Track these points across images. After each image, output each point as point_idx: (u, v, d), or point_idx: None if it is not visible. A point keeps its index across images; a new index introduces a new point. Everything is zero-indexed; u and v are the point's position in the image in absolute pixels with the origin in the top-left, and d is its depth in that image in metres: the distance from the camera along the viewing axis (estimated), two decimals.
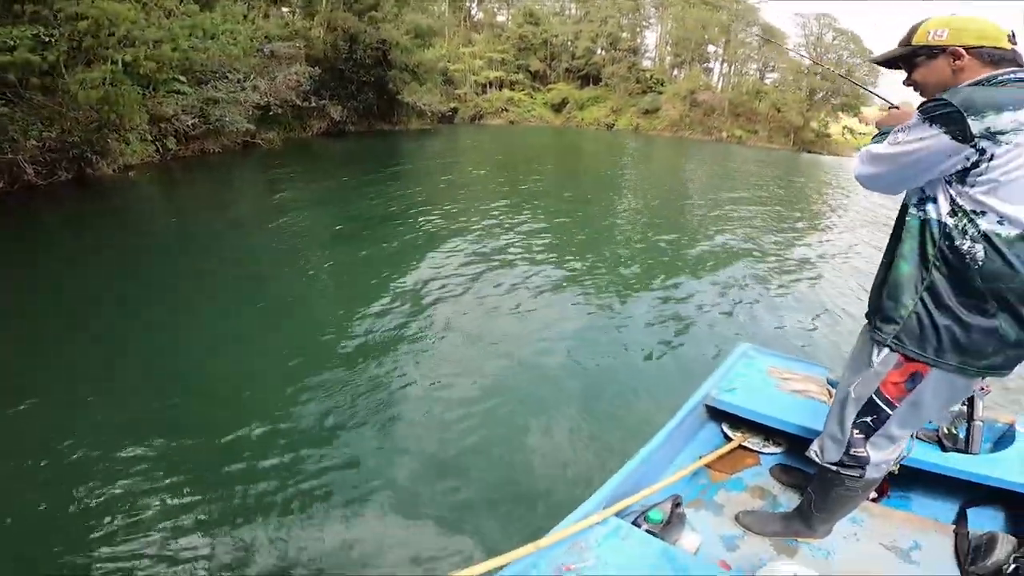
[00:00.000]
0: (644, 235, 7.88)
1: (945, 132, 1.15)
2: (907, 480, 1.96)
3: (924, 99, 1.34)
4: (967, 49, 1.24)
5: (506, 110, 36.06)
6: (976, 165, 1.15)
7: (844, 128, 35.61)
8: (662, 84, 38.09)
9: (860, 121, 34.53)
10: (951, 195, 1.23)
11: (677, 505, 1.82)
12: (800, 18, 39.71)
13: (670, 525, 1.74)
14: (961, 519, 1.91)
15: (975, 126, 1.12)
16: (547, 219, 8.15)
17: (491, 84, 37.01)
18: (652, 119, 36.43)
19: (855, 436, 1.49)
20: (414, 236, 6.76)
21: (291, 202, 8.45)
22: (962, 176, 1.19)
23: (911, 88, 1.44)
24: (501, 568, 1.39)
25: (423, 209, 8.22)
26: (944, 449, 1.91)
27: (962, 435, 1.92)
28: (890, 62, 1.41)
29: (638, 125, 36.38)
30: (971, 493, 1.96)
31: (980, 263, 1.19)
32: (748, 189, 13.96)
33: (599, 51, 40.20)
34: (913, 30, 1.35)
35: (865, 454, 1.51)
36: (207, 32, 11.17)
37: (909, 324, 1.30)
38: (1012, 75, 1.21)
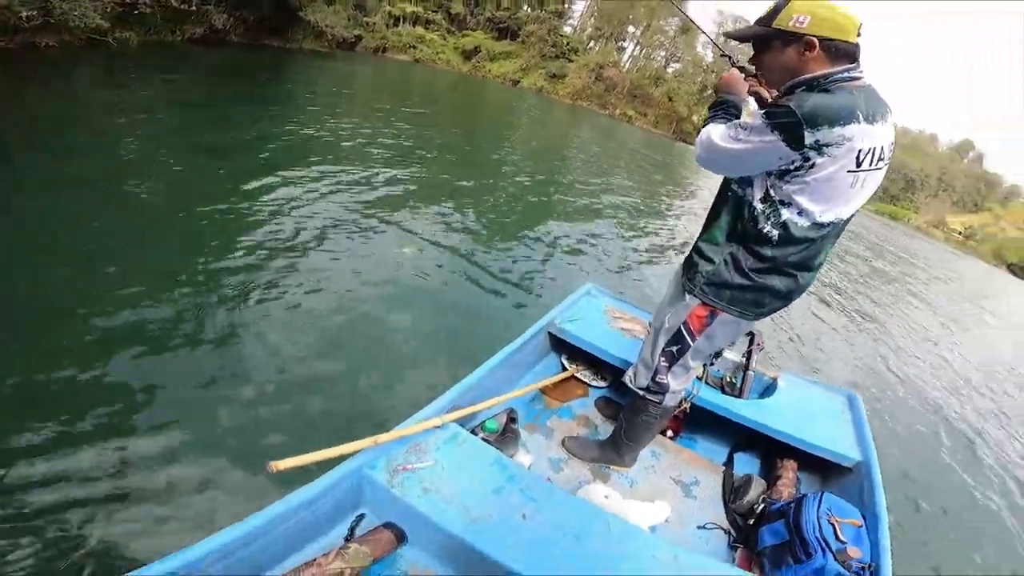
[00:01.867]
0: (519, 183, 8.36)
1: (783, 140, 1.26)
2: (695, 424, 2.33)
3: (763, 80, 1.50)
4: (820, 40, 1.28)
5: (414, 47, 34.31)
6: (798, 168, 1.30)
7: None
8: (576, 52, 38.95)
9: None
10: (767, 185, 1.38)
11: (512, 420, 1.97)
12: (720, 16, 42.41)
13: (504, 437, 1.89)
14: (729, 461, 2.26)
15: (808, 138, 1.23)
16: (429, 158, 8.20)
17: (405, 18, 34.79)
18: (556, 84, 37.41)
19: (661, 364, 1.73)
20: (277, 158, 6.16)
21: (141, 119, 7.03)
22: (781, 174, 1.33)
23: (752, 66, 1.48)
24: (339, 459, 1.41)
25: (296, 135, 7.64)
26: (724, 393, 2.29)
27: (739, 384, 2.35)
28: (745, 39, 1.42)
29: (542, 88, 37.08)
30: (739, 440, 2.33)
31: (773, 242, 1.41)
32: (624, 161, 15.35)
33: (525, 7, 39.74)
34: (776, 10, 1.34)
35: (666, 381, 1.76)
36: None
37: (712, 279, 1.52)
38: (844, 74, 1.29)
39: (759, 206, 1.40)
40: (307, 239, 4.24)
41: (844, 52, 1.30)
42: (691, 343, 1.64)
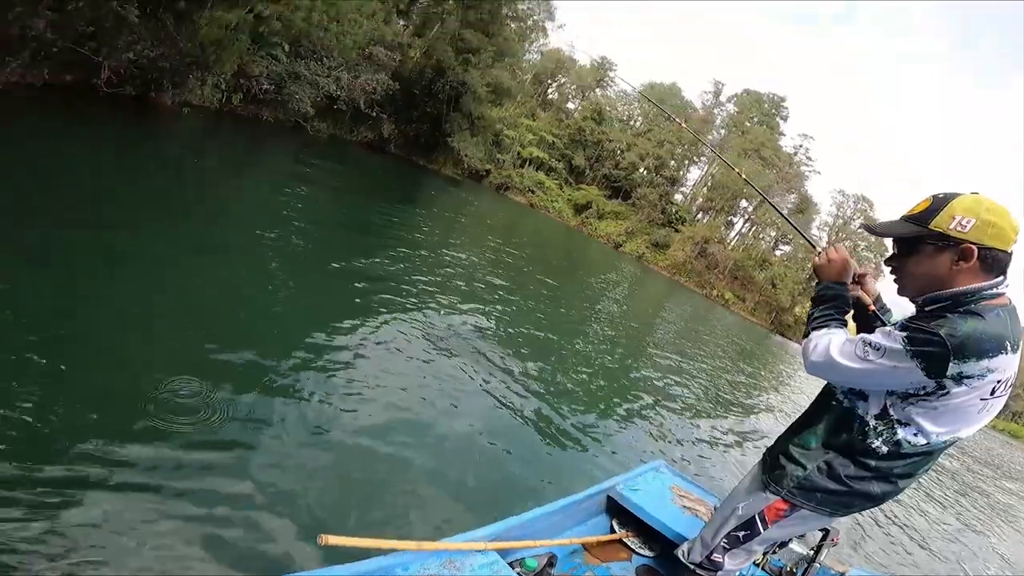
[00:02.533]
0: (602, 347, 8.31)
1: (922, 368, 1.13)
2: None
3: (901, 290, 1.32)
4: (980, 249, 1.13)
5: (532, 191, 36.06)
6: (928, 394, 1.18)
7: None
8: (683, 222, 38.59)
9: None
10: (885, 404, 1.27)
11: (551, 564, 2.02)
12: (840, 196, 40.09)
13: None
14: None
15: (952, 369, 1.11)
16: (522, 301, 8.45)
17: (531, 161, 37.58)
18: (657, 253, 36.53)
19: (722, 543, 1.65)
20: (390, 272, 6.68)
21: (303, 195, 8.43)
22: (907, 396, 1.22)
23: (892, 273, 1.33)
24: (382, 551, 1.50)
25: (417, 253, 8.27)
26: None
27: (800, 574, 2.23)
28: (889, 236, 1.30)
29: (643, 255, 36.28)
30: None
31: (880, 455, 1.31)
32: (712, 346, 14.67)
33: (642, 169, 40.61)
34: (935, 209, 1.18)
35: (721, 560, 1.67)
36: (339, 15, 11.53)
37: (802, 484, 1.43)
38: (992, 290, 1.16)
39: (872, 422, 1.30)
40: (389, 347, 4.41)
41: (998, 264, 1.16)
42: (761, 531, 1.54)
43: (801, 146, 41.93)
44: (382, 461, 2.91)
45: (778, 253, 40.61)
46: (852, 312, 1.55)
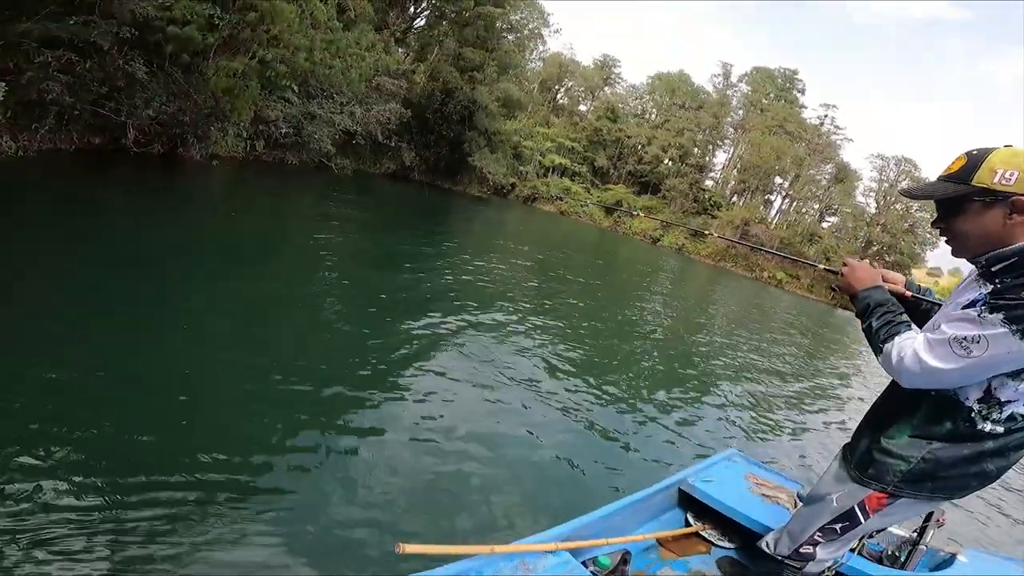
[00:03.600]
0: (655, 341, 8.14)
1: None
2: None
3: (957, 252, 1.25)
4: None
5: (560, 199, 35.91)
6: None
7: None
8: (718, 208, 37.51)
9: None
10: (990, 386, 1.18)
11: (625, 561, 1.96)
12: (879, 161, 38.42)
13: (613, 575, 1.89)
14: None
15: None
16: (566, 309, 8.32)
17: (554, 169, 37.65)
18: (698, 242, 35.35)
19: (816, 536, 1.54)
20: (434, 284, 7.02)
21: (338, 233, 8.63)
22: (1016, 374, 1.15)
23: (942, 235, 1.26)
24: (456, 557, 1.53)
25: (457, 276, 8.38)
26: (882, 564, 2.07)
27: (902, 558, 2.09)
28: (931, 198, 1.23)
29: (683, 245, 35.29)
30: None
31: (995, 436, 1.22)
32: (772, 331, 13.89)
33: (667, 161, 39.91)
34: (973, 165, 1.14)
35: (812, 552, 1.58)
36: (340, 51, 11.95)
37: (908, 477, 1.32)
38: None
39: (976, 407, 1.21)
40: (449, 367, 4.52)
41: None
42: (862, 521, 1.45)
43: (826, 116, 40.48)
44: (454, 472, 3.04)
45: (825, 225, 38.70)
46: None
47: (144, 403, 2.88)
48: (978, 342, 1.10)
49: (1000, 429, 1.21)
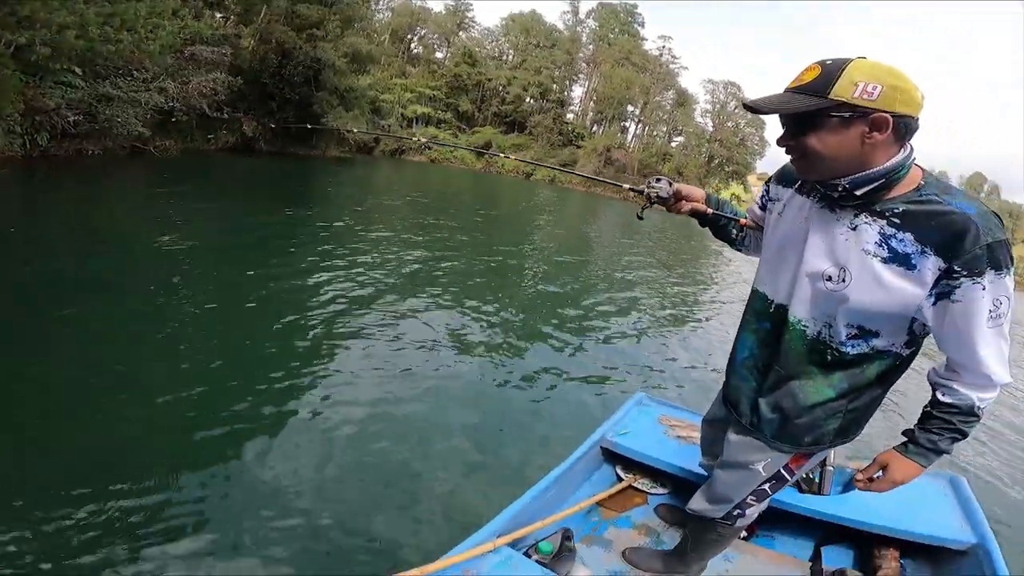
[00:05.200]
0: (542, 285, 8.08)
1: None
2: (771, 520, 2.15)
3: (806, 172, 1.15)
4: (894, 118, 0.99)
5: (429, 148, 35.76)
6: None
7: (732, 195, 39.67)
8: (582, 138, 40.31)
9: (746, 189, 39.21)
10: (913, 326, 1.15)
11: (568, 539, 1.90)
12: (711, 85, 43.83)
13: (559, 558, 1.82)
14: (816, 557, 2.12)
15: None
16: (452, 260, 8.08)
17: (418, 119, 37.07)
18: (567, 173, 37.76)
19: (748, 500, 1.54)
20: (312, 265, 6.35)
21: (174, 221, 7.40)
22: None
23: (789, 153, 1.14)
24: None
25: (326, 240, 7.86)
26: (801, 491, 2.12)
27: (816, 479, 2.14)
28: (779, 112, 1.08)
29: (555, 177, 37.36)
30: (825, 532, 2.18)
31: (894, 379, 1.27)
32: (647, 251, 14.84)
33: (528, 99, 41.73)
34: (829, 77, 1.00)
35: (743, 512, 1.60)
36: (125, 23, 10.04)
37: (837, 433, 1.33)
38: (912, 161, 1.07)
39: (904, 351, 1.20)
40: (333, 336, 4.32)
41: (909, 132, 1.04)
42: (789, 479, 1.48)
43: (664, 47, 44.22)
44: (365, 484, 2.73)
45: (673, 144, 43.35)
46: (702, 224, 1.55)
47: None
48: (1006, 313, 1.05)
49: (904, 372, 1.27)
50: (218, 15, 18.17)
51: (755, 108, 1.09)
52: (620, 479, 2.44)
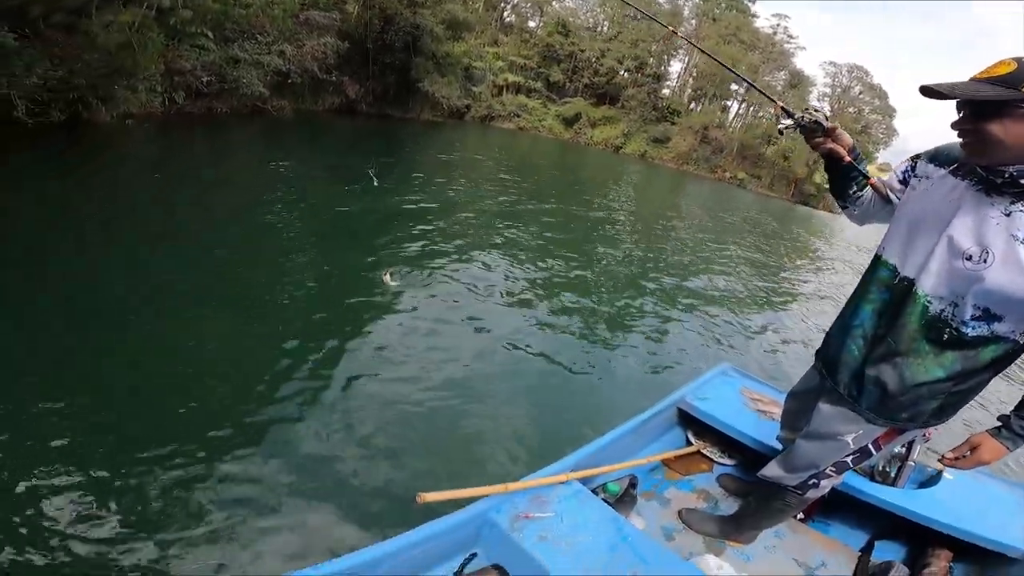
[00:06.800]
0: (632, 248, 8.11)
1: None
2: (832, 507, 2.20)
3: (977, 157, 1.17)
4: None
5: (517, 115, 35.73)
6: None
7: None
8: (677, 115, 38.21)
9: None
10: None
11: (632, 485, 2.05)
12: (832, 67, 40.39)
13: (623, 501, 1.97)
14: (868, 548, 2.12)
15: None
16: (539, 229, 8.11)
17: (508, 87, 36.64)
18: (660, 148, 36.29)
19: (827, 471, 1.61)
20: (404, 227, 6.57)
21: (288, 176, 8.08)
22: None
23: (964, 136, 1.17)
24: (472, 499, 1.60)
25: (421, 201, 8.09)
26: (874, 481, 2.12)
27: (893, 473, 2.13)
28: (966, 99, 1.12)
29: (645, 152, 36.25)
30: (883, 526, 2.16)
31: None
32: (739, 231, 14.18)
33: (623, 72, 40.06)
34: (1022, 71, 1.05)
35: (818, 482, 1.66)
36: None
37: (935, 413, 1.35)
38: None
39: (1022, 339, 1.22)
40: (429, 307, 4.38)
41: None
42: (874, 454, 1.53)
43: (778, 25, 41.18)
44: (456, 418, 2.98)
45: (781, 127, 39.40)
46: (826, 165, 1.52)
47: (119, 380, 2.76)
48: None
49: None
50: None
51: (937, 92, 1.12)
52: (690, 443, 2.50)
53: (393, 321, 3.92)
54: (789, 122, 1.50)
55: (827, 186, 1.62)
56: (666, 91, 41.64)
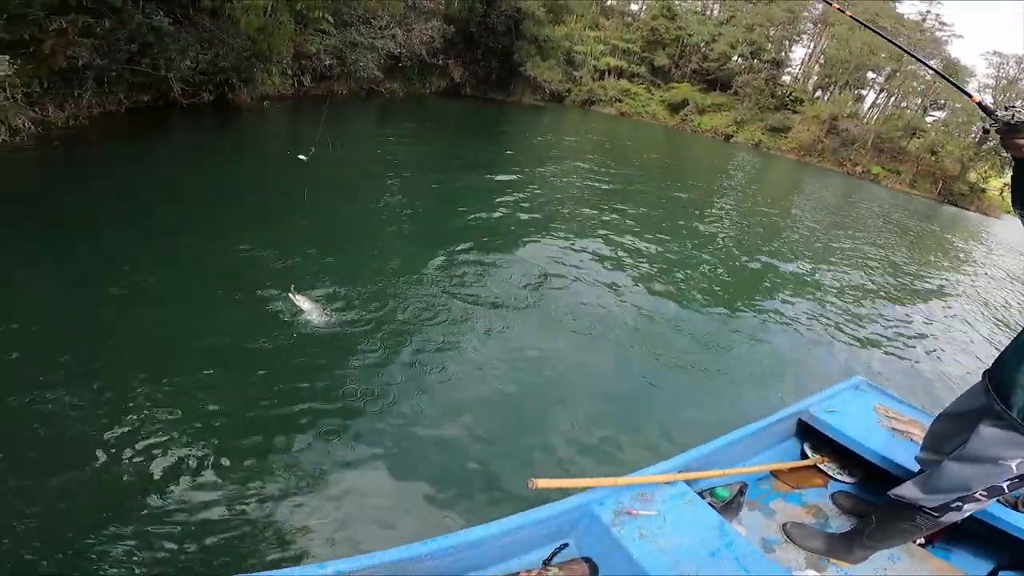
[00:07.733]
0: (759, 252, 7.65)
1: None
2: (959, 535, 2.04)
3: None
4: None
5: (619, 100, 34.47)
6: None
7: (1004, 185, 31.16)
8: (800, 103, 34.83)
9: None
10: None
11: (742, 493, 1.99)
12: (996, 58, 34.92)
13: (728, 508, 1.91)
14: None
15: None
16: (647, 222, 7.90)
17: (609, 72, 35.51)
18: (777, 138, 33.28)
19: (977, 495, 1.52)
20: (508, 213, 6.77)
21: (399, 156, 8.70)
22: None
23: None
24: (582, 489, 1.66)
25: (523, 188, 8.23)
26: (1017, 511, 1.94)
27: None
28: None
29: (760, 142, 33.36)
30: (1010, 557, 1.99)
31: None
32: (869, 227, 12.74)
33: (736, 58, 37.20)
34: None
35: (962, 506, 1.56)
36: None
37: None
38: None
39: None
40: (549, 295, 4.48)
41: None
42: None
43: (928, 11, 35.64)
44: (571, 409, 3.10)
45: (929, 120, 34.69)
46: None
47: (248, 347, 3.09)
48: None
49: None
50: None
51: None
52: (806, 456, 2.40)
53: (518, 317, 4.03)
54: (1000, 121, 1.32)
55: (983, 185, 1.46)
56: (786, 78, 38.05)
